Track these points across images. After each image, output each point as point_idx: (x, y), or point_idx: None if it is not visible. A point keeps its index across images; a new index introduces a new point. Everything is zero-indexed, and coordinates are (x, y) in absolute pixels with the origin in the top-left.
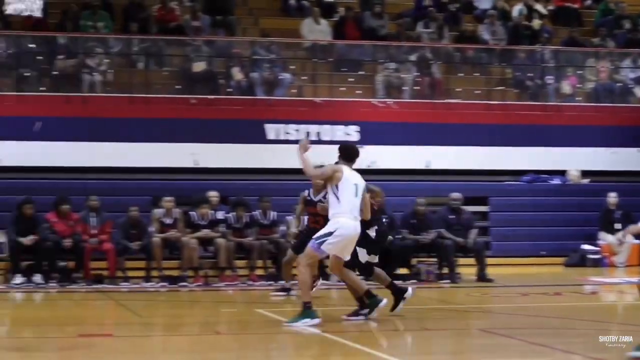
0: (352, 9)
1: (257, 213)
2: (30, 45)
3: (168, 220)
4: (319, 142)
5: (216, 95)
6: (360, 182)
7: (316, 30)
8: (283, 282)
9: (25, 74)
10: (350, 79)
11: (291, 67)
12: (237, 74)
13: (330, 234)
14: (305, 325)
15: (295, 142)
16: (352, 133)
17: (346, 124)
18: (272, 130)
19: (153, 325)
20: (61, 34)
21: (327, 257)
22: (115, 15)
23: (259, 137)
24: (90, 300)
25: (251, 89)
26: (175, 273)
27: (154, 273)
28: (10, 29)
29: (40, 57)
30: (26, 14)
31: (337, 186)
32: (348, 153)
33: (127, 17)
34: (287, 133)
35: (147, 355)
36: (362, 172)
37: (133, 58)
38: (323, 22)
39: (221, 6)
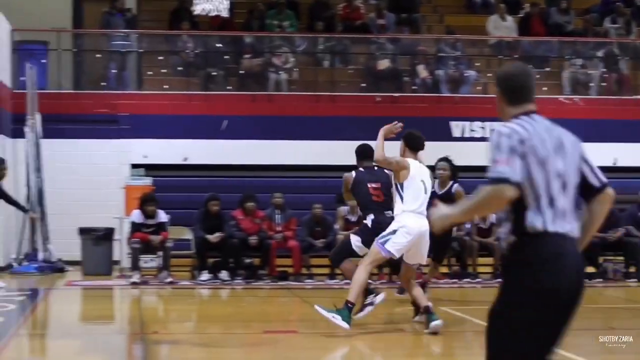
0: (537, 5)
1: None
2: (217, 45)
3: (353, 218)
4: None
5: (401, 93)
6: (428, 178)
7: (502, 27)
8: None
9: (213, 73)
10: (536, 76)
11: (476, 64)
12: (422, 71)
13: (394, 232)
14: (332, 319)
15: (481, 139)
16: None
17: None
18: (457, 127)
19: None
20: (247, 34)
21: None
22: (300, 14)
23: (444, 135)
24: (275, 297)
25: (436, 87)
26: None
27: (339, 270)
28: (198, 29)
29: (227, 57)
30: (213, 14)
31: (402, 183)
32: (414, 143)
33: (312, 15)
34: (472, 130)
35: (331, 352)
36: None
37: (318, 56)
38: (509, 18)
39: (406, 4)
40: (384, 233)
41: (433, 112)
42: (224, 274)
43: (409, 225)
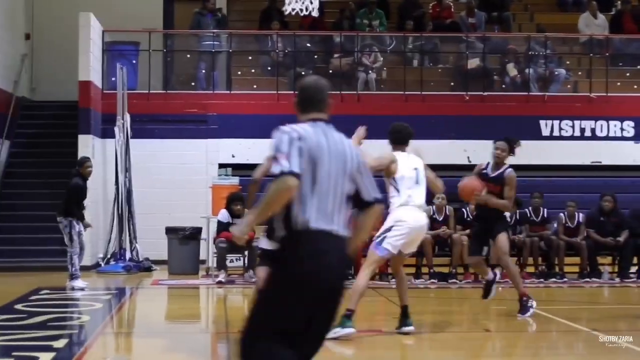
0: (629, 3)
1: (527, 210)
2: (307, 45)
3: (439, 217)
4: (594, 138)
5: (490, 92)
6: (420, 165)
7: (593, 25)
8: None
9: (302, 73)
10: (627, 74)
11: (567, 62)
12: (512, 70)
13: (389, 229)
14: (336, 334)
15: (570, 138)
16: (627, 129)
17: (622, 119)
18: (546, 126)
19: (422, 322)
20: (337, 33)
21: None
22: (390, 13)
23: (534, 133)
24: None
25: (526, 85)
26: (445, 270)
27: (424, 270)
28: (288, 29)
29: (316, 56)
30: (304, 13)
31: (394, 178)
32: (396, 136)
33: (402, 14)
34: (562, 129)
35: (415, 351)
36: (637, 168)
37: (407, 56)
38: (600, 16)
39: (497, 2)
40: (379, 231)
41: (522, 111)
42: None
43: (405, 219)
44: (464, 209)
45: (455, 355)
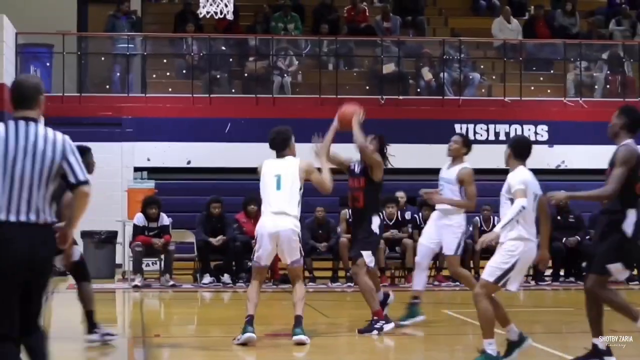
0: (542, 7)
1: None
2: (222, 48)
3: (389, 222)
4: (508, 142)
5: (405, 96)
6: (285, 171)
7: (507, 29)
8: None
9: (217, 76)
10: (540, 78)
11: (481, 66)
12: (427, 74)
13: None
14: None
15: (485, 142)
16: (541, 133)
17: (536, 123)
18: (461, 130)
19: (339, 325)
20: (252, 36)
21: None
22: (305, 17)
23: (449, 137)
24: (277, 300)
25: (441, 89)
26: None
27: (341, 274)
28: (203, 31)
29: (232, 60)
30: (218, 16)
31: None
32: (271, 142)
33: (317, 18)
34: (477, 133)
35: (333, 355)
36: (551, 172)
37: (323, 59)
38: (514, 21)
39: (411, 6)
40: None
41: (437, 115)
42: (226, 277)
43: (259, 227)
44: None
45: (373, 357)
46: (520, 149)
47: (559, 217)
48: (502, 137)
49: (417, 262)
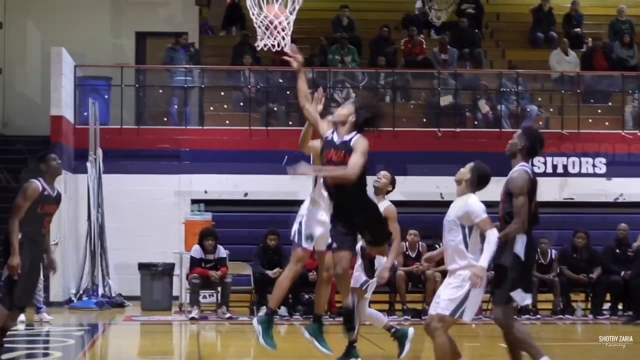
0: (600, 40)
1: None
2: (279, 80)
3: (412, 254)
4: (566, 174)
5: (462, 128)
6: None
7: (564, 62)
8: None
9: (274, 109)
10: (598, 111)
11: (538, 98)
12: (484, 106)
13: None
14: None
15: (543, 174)
16: (599, 165)
17: (594, 156)
18: None
19: (396, 358)
20: (309, 69)
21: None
22: (362, 49)
23: (506, 170)
24: (334, 333)
25: (498, 121)
26: (419, 306)
27: (398, 306)
28: (260, 64)
29: (289, 92)
30: (276, 49)
31: None
32: None
33: (374, 50)
34: (534, 165)
35: None
36: (609, 205)
37: (380, 91)
38: (571, 53)
39: (469, 39)
40: None
41: (494, 147)
42: (282, 310)
43: None
44: (437, 245)
45: None
46: (484, 178)
47: (617, 251)
48: (559, 169)
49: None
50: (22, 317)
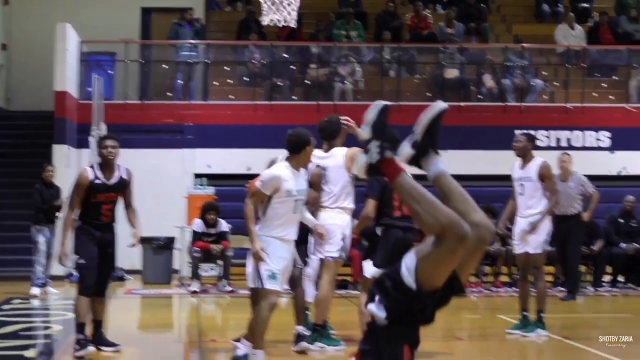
0: (606, 14)
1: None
2: (284, 55)
3: None
4: (570, 148)
5: (467, 102)
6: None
7: (570, 36)
8: None
9: (278, 84)
10: (603, 85)
11: (543, 72)
12: (489, 80)
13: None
14: None
15: (546, 148)
16: (603, 139)
17: (597, 129)
18: None
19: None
20: (314, 44)
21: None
22: (368, 24)
23: (510, 144)
24: (334, 306)
25: (502, 96)
26: None
27: None
28: (265, 39)
29: (293, 67)
30: (281, 24)
31: None
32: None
33: (380, 25)
34: (538, 139)
35: None
36: (613, 178)
37: (385, 66)
38: (577, 27)
39: (475, 13)
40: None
41: (499, 122)
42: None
43: None
44: None
45: None
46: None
47: (621, 221)
48: (563, 143)
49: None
50: (34, 290)
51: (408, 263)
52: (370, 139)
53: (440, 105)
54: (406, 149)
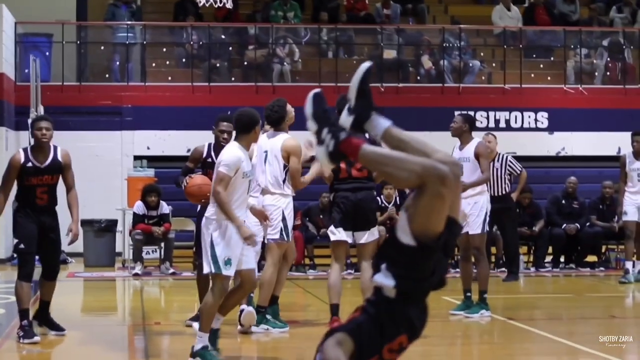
0: None
1: None
2: (222, 37)
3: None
4: (509, 129)
5: (405, 84)
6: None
7: (506, 17)
8: None
9: (216, 65)
10: (540, 66)
11: (481, 54)
12: (427, 61)
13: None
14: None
15: (485, 129)
16: (541, 120)
17: (536, 110)
18: None
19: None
20: (251, 25)
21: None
22: (305, 5)
23: (449, 125)
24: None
25: (440, 77)
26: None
27: None
28: (202, 20)
29: (231, 48)
30: (218, 5)
31: None
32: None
33: (316, 6)
34: (477, 120)
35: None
36: (551, 159)
37: (323, 47)
38: (514, 8)
39: None
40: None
41: (437, 103)
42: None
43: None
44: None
45: None
46: None
47: (563, 202)
48: (502, 124)
49: None
50: None
51: (401, 223)
52: (319, 130)
53: (365, 65)
54: (345, 117)
